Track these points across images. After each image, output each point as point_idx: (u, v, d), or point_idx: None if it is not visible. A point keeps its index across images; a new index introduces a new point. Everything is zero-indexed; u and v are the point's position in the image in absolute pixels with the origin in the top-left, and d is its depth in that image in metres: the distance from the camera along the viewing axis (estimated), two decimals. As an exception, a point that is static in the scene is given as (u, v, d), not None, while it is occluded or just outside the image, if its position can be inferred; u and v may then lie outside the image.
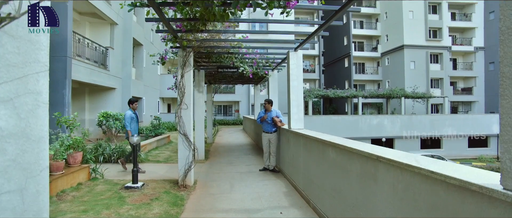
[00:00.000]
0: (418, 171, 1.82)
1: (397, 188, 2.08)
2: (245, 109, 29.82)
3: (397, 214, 2.08)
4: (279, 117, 6.32)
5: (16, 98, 0.95)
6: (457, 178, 1.51)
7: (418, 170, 1.82)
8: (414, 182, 1.88)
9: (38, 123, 1.09)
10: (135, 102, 6.38)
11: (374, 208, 2.40)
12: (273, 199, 4.58)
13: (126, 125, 6.11)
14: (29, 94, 1.02)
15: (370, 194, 2.47)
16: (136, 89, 14.47)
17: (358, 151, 2.67)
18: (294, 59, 5.70)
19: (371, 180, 2.45)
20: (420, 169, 1.79)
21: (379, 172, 2.32)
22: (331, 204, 3.40)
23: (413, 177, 1.89)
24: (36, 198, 1.05)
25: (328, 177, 3.50)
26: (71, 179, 4.84)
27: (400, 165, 2.02)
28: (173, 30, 4.17)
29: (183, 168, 5.30)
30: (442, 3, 30.79)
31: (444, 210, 1.63)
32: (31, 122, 1.04)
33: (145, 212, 3.89)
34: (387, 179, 2.20)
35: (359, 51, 34.27)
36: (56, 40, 7.66)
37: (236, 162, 7.89)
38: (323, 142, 3.64)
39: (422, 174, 1.80)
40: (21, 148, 0.99)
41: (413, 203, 1.90)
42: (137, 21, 14.67)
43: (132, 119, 6.20)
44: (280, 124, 6.23)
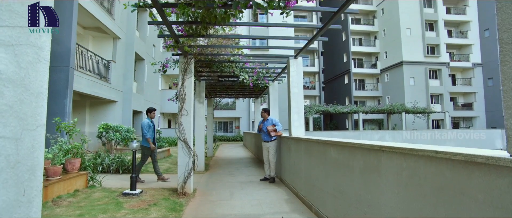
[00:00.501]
0: (422, 153, 1.78)
1: (401, 176, 2.02)
2: (245, 125, 29.74)
3: (402, 203, 2.01)
4: (276, 125, 6.23)
5: (17, 45, 0.95)
6: (462, 153, 1.48)
7: (422, 152, 1.78)
8: (419, 167, 1.84)
9: (37, 78, 1.08)
10: (153, 111, 6.49)
11: (379, 201, 2.33)
12: (274, 206, 4.46)
13: (145, 133, 6.18)
14: (31, 46, 1.02)
15: (374, 187, 2.40)
16: (137, 102, 14.52)
17: (360, 145, 2.64)
18: (294, 66, 5.76)
19: (375, 173, 2.40)
20: (424, 151, 1.76)
21: (382, 163, 2.27)
22: (334, 205, 3.30)
23: (417, 161, 1.85)
24: (31, 153, 1.02)
25: (330, 177, 3.42)
26: (68, 185, 4.74)
27: (404, 151, 1.98)
28: (175, 34, 4.24)
29: (182, 175, 5.20)
30: (438, 21, 31.51)
31: (451, 189, 1.58)
32: (31, 75, 1.03)
33: (143, 217, 3.78)
34: (391, 168, 2.15)
35: (358, 68, 34.67)
36: (60, 50, 7.79)
37: (236, 173, 7.76)
38: (325, 142, 3.60)
39: (426, 156, 1.76)
40: (19, 97, 0.97)
41: (418, 188, 1.84)
42: (139, 36, 14.98)
43: (149, 127, 6.28)
44: (274, 133, 6.14)
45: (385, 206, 2.23)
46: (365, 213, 2.54)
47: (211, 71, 7.18)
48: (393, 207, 2.13)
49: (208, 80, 8.49)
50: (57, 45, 7.80)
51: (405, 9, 30.98)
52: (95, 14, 9.87)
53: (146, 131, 6.19)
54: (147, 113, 6.58)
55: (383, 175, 2.26)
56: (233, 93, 11.50)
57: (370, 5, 35.30)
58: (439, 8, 31.84)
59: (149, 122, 6.34)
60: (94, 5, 9.88)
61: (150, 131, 6.26)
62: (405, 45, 30.53)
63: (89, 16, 9.96)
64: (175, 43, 4.62)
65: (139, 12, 15.31)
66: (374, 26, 34.67)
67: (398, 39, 30.95)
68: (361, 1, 35.78)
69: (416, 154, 1.85)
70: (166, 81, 22.68)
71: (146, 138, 6.19)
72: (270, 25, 4.37)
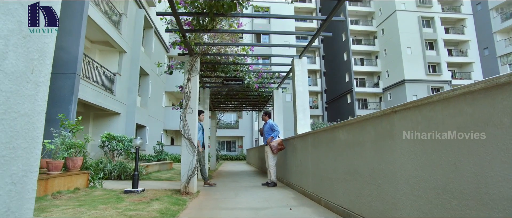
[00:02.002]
0: (437, 98, 1.72)
1: (417, 132, 1.94)
2: (248, 144, 29.42)
3: (419, 160, 1.91)
4: (274, 129, 6.12)
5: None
6: (482, 81, 1.42)
7: (437, 97, 1.72)
8: (435, 115, 1.76)
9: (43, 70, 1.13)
10: (201, 114, 6.35)
11: (393, 167, 2.21)
12: (281, 202, 4.28)
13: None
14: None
15: (388, 154, 2.30)
16: (141, 116, 14.53)
17: (370, 115, 2.57)
18: (299, 65, 5.79)
19: (387, 139, 2.30)
20: (439, 95, 1.69)
21: (395, 125, 2.19)
22: (345, 190, 3.15)
23: (433, 108, 1.77)
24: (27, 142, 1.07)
25: (340, 163, 3.30)
26: (68, 182, 4.62)
27: (417, 104, 1.91)
28: (182, 27, 4.31)
29: (185, 174, 5.07)
30: (438, 40, 32.06)
31: (473, 124, 1.50)
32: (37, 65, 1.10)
33: (144, 207, 3.62)
34: (406, 127, 2.06)
35: (361, 87, 34.84)
36: (67, 57, 7.94)
37: (240, 180, 7.56)
38: (333, 127, 3.52)
39: (442, 99, 1.69)
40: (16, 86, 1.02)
41: (437, 138, 1.75)
42: (144, 51, 15.30)
43: (199, 129, 6.07)
44: (271, 143, 6.05)
45: (401, 170, 2.12)
46: (380, 185, 2.42)
47: (216, 76, 7.24)
48: (409, 169, 2.02)
49: (212, 88, 8.53)
50: (65, 53, 7.97)
51: (404, 29, 31.68)
52: (103, 27, 10.17)
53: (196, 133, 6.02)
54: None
55: (397, 137, 2.17)
56: (236, 104, 11.48)
57: (371, 26, 36.20)
58: (438, 28, 32.51)
59: (199, 124, 6.13)
60: (103, 18, 10.21)
61: (199, 133, 6.07)
62: (407, 63, 30.84)
63: (98, 29, 10.24)
64: (181, 38, 4.70)
65: (145, 29, 15.77)
66: (375, 46, 35.30)
67: (399, 58, 31.34)
68: (362, 23, 36.77)
69: (431, 101, 1.78)
70: (169, 99, 22.83)
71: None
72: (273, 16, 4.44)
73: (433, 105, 1.77)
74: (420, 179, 1.89)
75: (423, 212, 1.86)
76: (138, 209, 3.52)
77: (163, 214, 3.27)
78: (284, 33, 8.75)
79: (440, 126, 1.72)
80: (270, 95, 9.34)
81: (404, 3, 32.94)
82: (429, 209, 1.80)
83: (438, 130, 1.74)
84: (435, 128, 1.76)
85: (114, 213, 3.20)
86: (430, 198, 1.79)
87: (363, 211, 2.71)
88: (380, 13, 35.16)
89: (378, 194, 2.45)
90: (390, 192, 2.26)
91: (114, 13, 11.65)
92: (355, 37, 36.37)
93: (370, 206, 2.58)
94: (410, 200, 1.99)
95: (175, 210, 3.57)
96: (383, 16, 34.56)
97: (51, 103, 7.52)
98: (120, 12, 12.26)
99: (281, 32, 5.34)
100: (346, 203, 3.11)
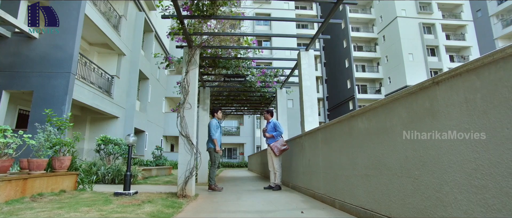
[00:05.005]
0: (510, 52, 1.29)
1: (475, 102, 1.51)
2: (250, 151, 28.87)
3: (481, 138, 1.47)
4: (277, 129, 5.63)
5: None
6: None
7: (503, 53, 1.29)
8: (503, 74, 1.34)
9: None
10: (218, 111, 5.94)
11: (437, 153, 1.77)
12: (289, 205, 3.81)
13: (213, 133, 5.59)
14: None
15: (428, 139, 1.86)
16: (139, 121, 14.11)
17: (401, 94, 2.14)
18: (306, 58, 5.40)
19: (427, 118, 1.87)
20: (504, 49, 1.27)
21: (439, 100, 1.76)
22: (367, 188, 2.70)
23: (505, 65, 1.34)
24: None
25: (360, 155, 2.86)
26: (52, 183, 4.15)
27: (475, 66, 1.49)
28: (180, 11, 3.94)
29: (183, 175, 4.61)
30: (439, 46, 31.86)
31: None
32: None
33: (133, 210, 3.16)
34: (456, 98, 1.63)
35: (363, 94, 34.45)
36: (62, 56, 7.58)
37: (242, 185, 7.07)
38: (350, 115, 3.09)
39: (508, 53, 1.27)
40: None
41: (505, 104, 1.32)
42: (144, 55, 15.00)
43: (217, 127, 5.69)
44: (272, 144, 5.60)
45: (449, 154, 1.68)
46: (417, 177, 1.97)
47: (216, 73, 6.85)
48: (464, 152, 1.58)
49: (212, 86, 8.14)
50: (59, 51, 7.62)
51: (405, 35, 31.53)
52: (102, 28, 9.86)
53: (214, 131, 5.58)
54: (212, 113, 5.96)
55: (442, 114, 1.73)
56: (238, 105, 11.05)
57: (372, 32, 36.12)
58: (439, 34, 32.37)
59: (217, 122, 5.73)
60: (101, 19, 9.92)
61: (217, 132, 5.65)
62: (409, 69, 30.55)
63: (96, 31, 9.94)
64: (180, 25, 4.32)
65: (145, 33, 15.52)
66: (376, 52, 35.11)
67: (401, 65, 31.06)
68: (363, 30, 36.70)
69: (496, 57, 1.36)
70: (170, 105, 22.42)
71: (212, 138, 5.58)
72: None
73: (504, 61, 1.35)
74: (483, 163, 1.45)
75: (490, 206, 1.41)
76: (125, 211, 3.06)
77: (153, 217, 2.81)
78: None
79: (509, 91, 1.29)
80: (273, 96, 8.93)
81: (405, 9, 32.89)
82: (502, 203, 1.35)
83: (505, 96, 1.31)
84: (506, 92, 1.34)
85: (96, 216, 2.75)
86: (504, 187, 1.34)
87: (393, 210, 2.25)
88: (381, 20, 35.10)
89: (414, 189, 2.00)
90: (433, 185, 1.81)
91: (113, 15, 11.38)
92: (356, 44, 36.22)
93: (403, 204, 2.12)
94: (468, 193, 1.54)
95: (168, 213, 3.11)
96: (384, 23, 34.49)
97: (43, 103, 7.13)
98: (119, 14, 12.01)
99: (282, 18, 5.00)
100: (369, 203, 2.65)
